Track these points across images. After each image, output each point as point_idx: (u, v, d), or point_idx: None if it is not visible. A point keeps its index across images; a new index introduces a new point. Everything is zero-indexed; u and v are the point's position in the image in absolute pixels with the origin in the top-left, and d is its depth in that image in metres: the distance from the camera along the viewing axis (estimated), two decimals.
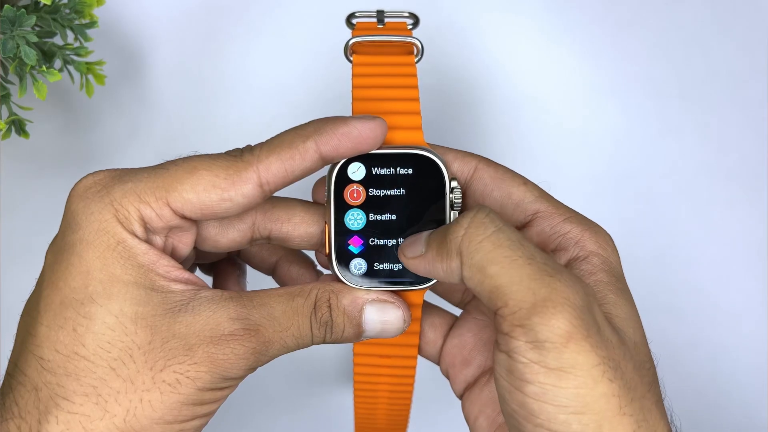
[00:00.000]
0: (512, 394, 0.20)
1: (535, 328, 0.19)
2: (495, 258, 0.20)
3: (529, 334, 0.19)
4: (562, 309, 0.19)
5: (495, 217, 0.21)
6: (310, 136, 0.22)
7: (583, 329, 0.20)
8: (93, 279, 0.21)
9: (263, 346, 0.22)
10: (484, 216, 0.21)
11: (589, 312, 0.20)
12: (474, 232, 0.21)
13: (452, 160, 0.25)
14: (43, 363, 0.21)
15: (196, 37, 0.40)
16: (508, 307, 0.20)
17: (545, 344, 0.19)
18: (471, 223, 0.21)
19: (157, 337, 0.21)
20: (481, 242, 0.20)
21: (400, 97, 0.24)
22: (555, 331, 0.19)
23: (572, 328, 0.19)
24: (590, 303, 0.20)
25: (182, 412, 0.21)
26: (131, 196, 0.22)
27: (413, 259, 0.22)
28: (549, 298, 0.19)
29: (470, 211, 0.21)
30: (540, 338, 0.19)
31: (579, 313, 0.20)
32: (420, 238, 0.23)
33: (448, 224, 0.22)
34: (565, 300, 0.20)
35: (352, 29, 0.26)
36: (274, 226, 0.25)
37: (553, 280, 0.20)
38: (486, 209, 0.21)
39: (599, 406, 0.19)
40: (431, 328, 0.28)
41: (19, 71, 0.33)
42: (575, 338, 0.19)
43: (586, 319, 0.20)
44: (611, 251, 0.24)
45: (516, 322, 0.20)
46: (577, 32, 0.41)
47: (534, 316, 0.19)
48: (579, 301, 0.20)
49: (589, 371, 0.19)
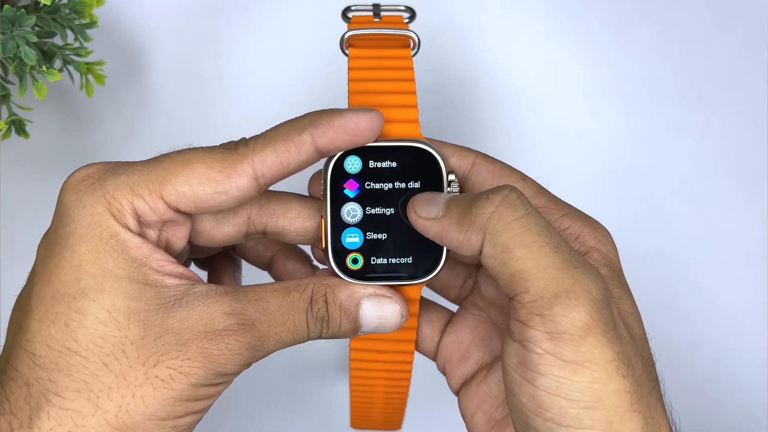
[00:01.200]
0: (522, 386, 0.20)
1: (555, 318, 0.19)
2: (523, 241, 0.20)
3: (548, 325, 0.19)
4: (584, 301, 0.19)
5: (526, 200, 0.21)
6: (306, 128, 0.22)
7: (602, 324, 0.19)
8: (85, 273, 0.21)
9: (258, 342, 0.22)
10: (516, 197, 0.21)
11: (608, 307, 0.20)
12: (504, 212, 0.20)
13: (450, 154, 0.25)
14: (34, 358, 0.21)
15: (196, 36, 0.41)
16: (529, 293, 0.20)
17: (564, 336, 0.19)
18: (503, 201, 0.21)
19: (150, 332, 0.21)
20: (510, 223, 0.20)
21: (397, 90, 0.24)
22: (575, 323, 0.19)
23: (592, 322, 0.19)
24: (609, 298, 0.20)
25: (175, 408, 0.21)
26: (124, 189, 0.22)
27: (426, 219, 0.22)
28: (572, 289, 0.19)
29: (502, 189, 0.21)
30: (559, 329, 0.19)
31: (599, 308, 0.19)
32: (436, 199, 0.22)
33: (474, 196, 0.21)
34: (588, 293, 0.19)
35: (348, 23, 0.26)
36: (270, 221, 0.24)
37: (578, 271, 0.20)
38: (517, 191, 0.21)
39: (611, 402, 0.19)
40: (428, 323, 0.27)
41: (19, 71, 0.33)
42: (594, 332, 0.19)
43: (605, 314, 0.20)
44: (610, 246, 0.24)
45: (535, 310, 0.19)
46: (577, 32, 0.41)
47: (556, 306, 0.19)
48: (600, 295, 0.20)
49: (605, 366, 0.19)
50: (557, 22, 0.41)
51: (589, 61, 0.41)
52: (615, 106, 0.41)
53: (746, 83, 0.41)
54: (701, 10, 0.41)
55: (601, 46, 0.41)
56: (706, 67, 0.41)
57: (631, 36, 0.41)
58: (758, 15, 0.41)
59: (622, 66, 0.41)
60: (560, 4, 0.41)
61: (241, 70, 0.41)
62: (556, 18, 0.41)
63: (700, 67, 0.41)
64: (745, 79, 0.41)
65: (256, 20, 0.41)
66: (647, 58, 0.41)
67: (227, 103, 0.41)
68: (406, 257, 0.24)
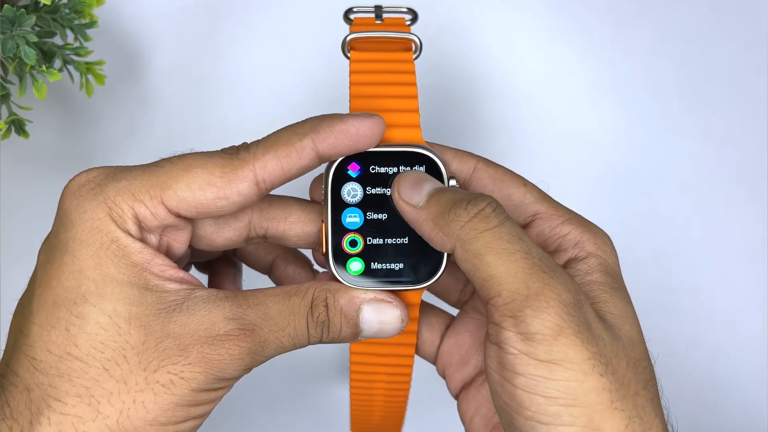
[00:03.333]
0: (503, 386, 0.20)
1: (526, 320, 0.20)
2: (493, 248, 0.20)
3: (520, 326, 0.20)
4: (554, 303, 0.20)
5: (501, 211, 0.21)
6: (307, 133, 0.22)
7: (575, 324, 0.20)
8: (86, 278, 0.21)
9: (259, 347, 0.22)
10: (492, 210, 0.21)
11: (579, 310, 0.20)
12: (478, 223, 0.21)
13: (451, 158, 0.25)
14: (35, 363, 0.21)
15: (196, 37, 0.40)
16: (501, 297, 0.20)
17: (535, 336, 0.20)
18: (479, 213, 0.21)
19: (151, 337, 0.21)
20: (482, 232, 0.21)
21: (398, 95, 0.24)
22: (546, 324, 0.20)
23: (563, 323, 0.20)
24: (580, 301, 0.21)
25: (176, 413, 0.21)
26: (125, 194, 0.22)
27: (405, 203, 0.23)
28: (542, 292, 0.20)
29: (480, 201, 0.21)
30: (530, 330, 0.20)
31: (569, 310, 0.20)
32: (420, 186, 0.23)
33: (455, 199, 0.22)
34: (557, 296, 0.20)
35: (350, 25, 0.26)
36: (271, 225, 0.24)
37: (547, 276, 0.20)
38: (494, 203, 0.21)
39: (590, 399, 0.19)
40: (428, 327, 0.27)
41: (18, 71, 0.33)
42: (565, 333, 0.20)
43: (576, 316, 0.20)
44: (610, 252, 0.24)
45: (508, 312, 0.20)
46: (577, 32, 0.41)
47: (526, 308, 0.20)
48: (570, 298, 0.20)
49: (580, 365, 0.20)
50: (557, 22, 0.41)
51: (589, 61, 0.41)
52: (615, 106, 0.41)
53: (746, 83, 0.41)
54: (701, 10, 0.41)
55: (601, 46, 0.41)
56: (706, 67, 0.41)
57: (631, 35, 0.41)
58: (758, 15, 0.41)
59: (622, 65, 0.41)
60: (560, 3, 0.41)
61: (241, 71, 0.41)
62: (556, 18, 0.41)
63: (700, 67, 0.41)
64: (745, 79, 0.41)
65: (256, 20, 0.41)
66: (647, 58, 0.41)
67: (227, 103, 0.41)
68: (406, 262, 0.24)
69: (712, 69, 0.41)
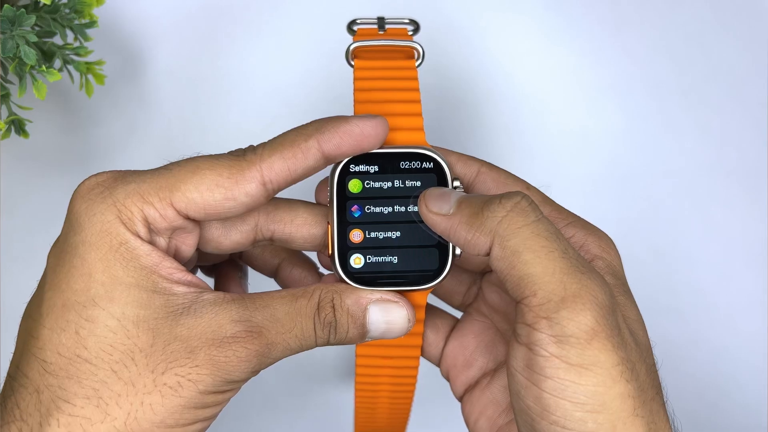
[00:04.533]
0: (528, 389, 0.20)
1: (561, 321, 0.19)
2: (532, 246, 0.20)
3: (555, 328, 0.20)
4: (591, 306, 0.20)
5: (536, 207, 0.21)
6: (312, 134, 0.22)
7: (608, 329, 0.20)
8: (95, 281, 0.21)
9: (266, 349, 0.22)
10: (528, 204, 0.21)
11: (613, 313, 0.20)
12: (515, 217, 0.21)
13: (455, 162, 0.25)
14: (45, 365, 0.21)
15: (196, 37, 0.40)
16: (536, 297, 0.20)
17: (570, 339, 0.19)
18: (515, 207, 0.21)
19: (159, 339, 0.21)
20: (520, 227, 0.20)
21: (402, 99, 0.24)
22: (581, 327, 0.19)
23: (598, 326, 0.19)
24: (614, 304, 0.21)
25: (183, 416, 0.21)
26: (134, 197, 0.22)
27: (436, 214, 0.22)
28: (579, 294, 0.20)
29: (514, 196, 0.21)
30: (566, 333, 0.19)
31: (605, 312, 0.20)
32: (448, 195, 0.22)
33: (487, 198, 0.22)
34: (594, 298, 0.20)
35: (353, 35, 0.26)
36: (277, 227, 0.24)
37: (585, 277, 0.20)
38: (529, 198, 0.21)
39: (615, 406, 0.19)
40: (433, 329, 0.28)
41: (18, 71, 0.33)
42: (599, 336, 0.19)
43: (610, 319, 0.20)
44: (614, 255, 0.24)
45: (542, 314, 0.20)
46: (577, 32, 0.41)
47: (562, 310, 0.19)
48: (606, 300, 0.20)
49: (609, 370, 0.19)
50: (557, 23, 0.41)
51: (589, 61, 0.41)
52: (615, 106, 0.41)
53: (746, 83, 0.41)
54: (701, 10, 0.41)
55: (601, 46, 0.41)
56: (706, 67, 0.41)
57: (630, 36, 0.41)
58: (758, 15, 0.41)
59: (622, 65, 0.41)
60: (561, 4, 0.41)
61: (241, 71, 0.41)
62: (556, 18, 0.41)
63: (700, 67, 0.41)
64: (744, 79, 0.41)
65: (255, 20, 0.41)
66: (648, 58, 0.41)
67: (227, 102, 0.41)
68: (411, 263, 0.24)
69: (712, 69, 0.41)
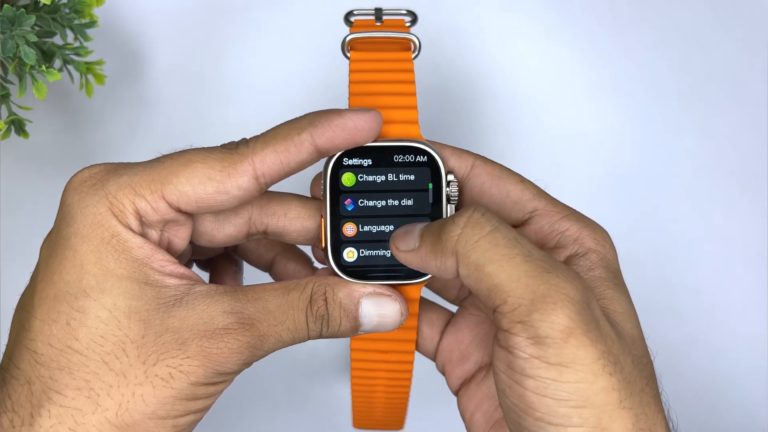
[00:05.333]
0: (512, 388, 0.20)
1: (535, 324, 0.19)
2: (492, 257, 0.20)
3: (530, 331, 0.19)
4: (561, 305, 0.19)
5: (491, 216, 0.21)
6: (305, 128, 0.22)
7: (583, 324, 0.20)
8: (87, 273, 0.21)
9: (258, 341, 0.22)
10: (480, 215, 0.21)
11: (588, 307, 0.20)
12: (470, 232, 0.21)
13: (449, 155, 0.25)
14: (36, 357, 0.21)
15: (196, 37, 0.41)
16: (507, 304, 0.20)
17: (546, 340, 0.19)
18: (468, 222, 0.21)
19: (151, 331, 0.21)
20: (477, 242, 0.20)
21: (397, 92, 0.24)
22: (555, 326, 0.19)
23: (572, 324, 0.19)
24: (588, 298, 0.20)
25: (175, 407, 0.21)
26: (126, 189, 0.22)
27: (405, 252, 0.22)
28: (548, 294, 0.19)
29: (466, 210, 0.21)
30: (540, 334, 0.19)
31: (578, 308, 0.20)
32: (412, 231, 0.23)
33: (442, 221, 0.22)
34: (565, 296, 0.20)
35: (350, 27, 0.26)
36: (271, 221, 0.24)
37: (551, 276, 0.20)
38: (481, 208, 0.21)
39: (599, 400, 0.19)
40: (428, 324, 0.27)
41: (18, 71, 0.33)
42: (575, 333, 0.19)
43: (585, 314, 0.20)
44: (609, 248, 0.24)
45: (515, 318, 0.20)
46: (577, 32, 0.42)
47: (534, 313, 0.19)
48: (578, 296, 0.20)
49: (590, 366, 0.19)
50: (557, 23, 0.41)
51: (588, 61, 0.41)
52: (615, 106, 0.41)
53: (746, 83, 0.41)
54: (701, 11, 0.41)
55: (601, 47, 0.41)
56: (706, 67, 0.41)
57: (630, 36, 0.41)
58: (758, 15, 0.41)
59: (622, 66, 0.41)
60: (560, 4, 0.41)
61: (240, 70, 0.41)
62: (555, 18, 0.41)
63: (700, 67, 0.41)
64: (745, 79, 0.41)
65: (255, 20, 0.41)
66: (647, 58, 0.41)
67: (227, 102, 0.41)
68: None
69: (712, 69, 0.41)
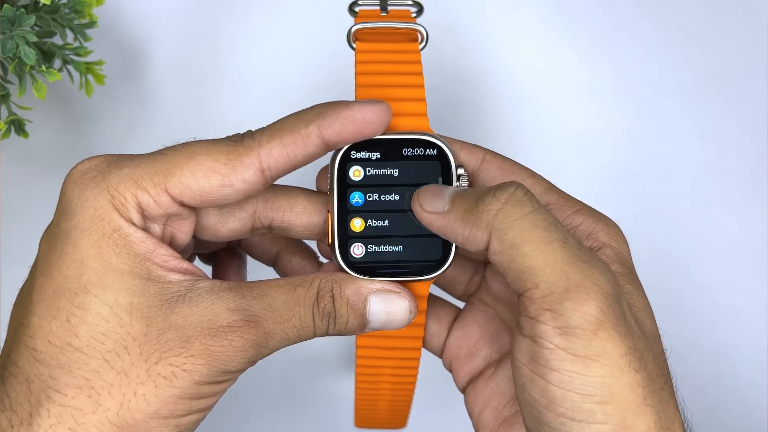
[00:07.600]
0: (534, 381, 0.20)
1: (566, 313, 0.19)
2: (530, 237, 0.20)
3: (559, 320, 0.19)
4: (594, 296, 0.19)
5: (533, 197, 0.21)
6: (312, 120, 0.22)
7: (613, 318, 0.19)
8: (87, 268, 0.21)
9: (263, 338, 0.21)
10: (523, 194, 0.20)
11: (618, 302, 0.20)
12: (511, 209, 0.20)
13: (459, 149, 0.25)
14: (35, 354, 0.20)
15: (196, 36, 0.40)
16: (538, 289, 0.19)
17: (575, 330, 0.19)
18: (510, 198, 0.20)
19: (153, 328, 0.20)
20: (517, 219, 0.20)
21: (405, 84, 0.24)
22: (586, 317, 0.19)
23: (603, 316, 0.19)
24: (619, 292, 0.20)
25: (178, 407, 0.20)
26: (128, 182, 0.21)
27: (430, 213, 0.22)
28: (582, 284, 0.19)
29: (508, 186, 0.21)
30: (570, 324, 0.19)
31: (610, 302, 0.19)
32: (441, 192, 0.22)
33: (480, 191, 0.21)
34: (599, 287, 0.19)
35: (355, 17, 0.26)
36: (276, 215, 0.24)
37: (587, 266, 0.19)
38: (524, 187, 0.21)
39: (624, 396, 0.19)
40: (435, 320, 0.27)
41: (18, 71, 0.33)
42: (605, 326, 0.19)
43: (615, 308, 0.19)
44: (623, 243, 0.23)
45: (546, 306, 0.19)
46: (578, 32, 0.42)
47: (566, 301, 0.19)
48: (610, 289, 0.19)
49: (617, 360, 0.19)
50: (558, 23, 0.41)
51: (590, 61, 0.41)
52: (616, 106, 0.41)
53: (746, 83, 0.41)
54: (701, 10, 0.41)
55: (603, 46, 0.41)
56: (706, 67, 0.41)
57: (631, 36, 0.41)
58: (758, 15, 0.41)
59: (624, 66, 0.41)
60: (561, 3, 0.42)
61: (241, 70, 0.41)
62: (557, 18, 0.41)
63: (701, 67, 0.41)
64: (744, 79, 0.41)
65: (255, 20, 0.41)
66: (648, 58, 0.41)
67: (227, 102, 0.41)
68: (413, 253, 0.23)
69: (712, 69, 0.41)
